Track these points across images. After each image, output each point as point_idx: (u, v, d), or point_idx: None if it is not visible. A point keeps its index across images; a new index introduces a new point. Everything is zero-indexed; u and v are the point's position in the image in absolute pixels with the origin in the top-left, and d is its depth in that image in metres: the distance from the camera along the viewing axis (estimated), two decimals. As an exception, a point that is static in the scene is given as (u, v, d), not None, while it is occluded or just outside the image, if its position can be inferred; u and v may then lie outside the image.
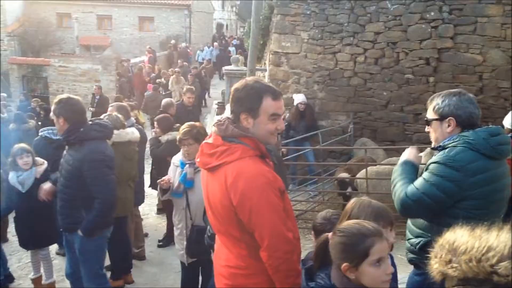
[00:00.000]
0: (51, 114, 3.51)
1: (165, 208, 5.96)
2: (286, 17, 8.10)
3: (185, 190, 3.61)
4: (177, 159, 3.79)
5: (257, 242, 2.12)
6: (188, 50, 21.48)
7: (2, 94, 14.19)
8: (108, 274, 4.46)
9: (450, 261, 1.11)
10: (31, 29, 23.97)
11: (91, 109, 11.67)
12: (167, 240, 5.76)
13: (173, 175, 3.76)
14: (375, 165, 6.29)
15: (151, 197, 7.16)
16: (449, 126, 2.47)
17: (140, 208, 5.91)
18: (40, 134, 5.14)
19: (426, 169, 2.48)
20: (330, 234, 1.93)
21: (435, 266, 1.16)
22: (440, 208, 2.40)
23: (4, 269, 5.14)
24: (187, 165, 3.59)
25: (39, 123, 9.59)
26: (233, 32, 36.60)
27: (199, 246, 3.46)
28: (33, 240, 4.53)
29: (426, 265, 1.21)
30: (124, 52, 22.30)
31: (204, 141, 2.31)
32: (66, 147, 3.58)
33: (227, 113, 2.92)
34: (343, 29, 7.85)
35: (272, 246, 2.06)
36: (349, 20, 7.80)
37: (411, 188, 2.45)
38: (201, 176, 2.43)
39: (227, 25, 37.21)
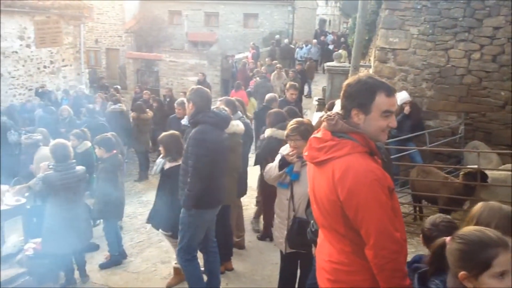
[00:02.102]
0: (185, 99, 4.03)
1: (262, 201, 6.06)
2: (394, 11, 7.79)
3: (291, 182, 3.67)
4: (285, 149, 3.84)
5: (361, 239, 2.10)
6: (292, 46, 21.59)
7: (117, 86, 15.49)
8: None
9: None
10: (145, 26, 25.75)
11: None
12: (264, 235, 5.87)
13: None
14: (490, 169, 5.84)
15: (251, 189, 7.35)
16: None
17: (241, 199, 6.09)
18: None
19: None
20: (448, 239, 1.85)
21: None
22: None
23: (119, 246, 5.64)
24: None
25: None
26: (336, 28, 36.09)
27: (299, 238, 3.51)
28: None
29: None
30: (229, 48, 23.06)
31: (312, 135, 2.33)
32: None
33: (337, 108, 2.91)
34: (457, 24, 7.37)
35: (378, 244, 2.03)
36: (465, 14, 7.29)
37: None
38: (307, 170, 2.45)
39: (330, 21, 36.80)
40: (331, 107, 6.26)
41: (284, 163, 3.71)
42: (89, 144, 6.91)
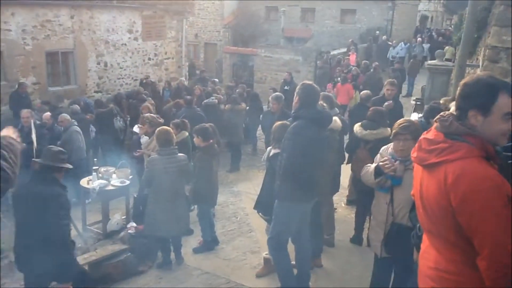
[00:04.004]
0: (279, 94, 4.06)
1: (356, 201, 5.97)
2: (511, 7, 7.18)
3: (391, 186, 3.53)
4: (386, 150, 3.71)
5: (473, 249, 1.98)
6: (389, 43, 20.86)
7: (215, 79, 16.05)
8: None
9: None
10: (243, 22, 26.37)
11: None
12: (355, 238, 5.75)
13: None
14: None
15: (341, 187, 7.26)
16: None
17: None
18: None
19: None
20: None
21: None
22: None
23: (211, 233, 5.86)
24: (397, 162, 3.48)
25: (247, 107, 10.57)
26: (438, 25, 34.25)
27: (397, 244, 3.40)
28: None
29: None
30: (324, 44, 22.85)
31: (422, 136, 2.24)
32: None
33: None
34: None
35: (492, 256, 1.90)
36: None
37: None
38: (415, 172, 2.36)
39: (432, 18, 34.95)
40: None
41: (380, 172, 3.58)
42: (186, 134, 7.23)
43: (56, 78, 13.25)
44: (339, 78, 14.25)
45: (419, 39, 20.53)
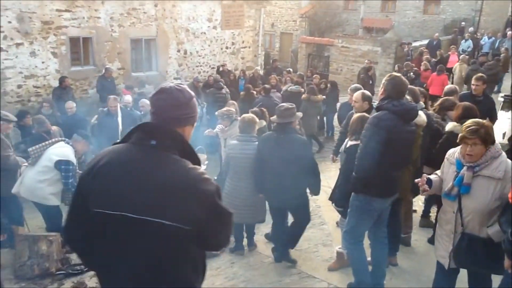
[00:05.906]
0: (358, 85, 3.99)
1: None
2: None
3: (459, 194, 3.23)
4: (453, 155, 3.39)
5: None
6: (477, 36, 19.61)
7: (290, 69, 16.01)
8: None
9: None
10: (320, 11, 26.00)
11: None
12: (433, 240, 5.45)
13: (446, 171, 3.41)
14: None
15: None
16: None
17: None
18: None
19: None
20: None
21: None
22: None
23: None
24: (465, 167, 3.18)
25: (324, 97, 10.45)
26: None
27: (468, 255, 3.18)
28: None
29: None
30: (405, 35, 21.97)
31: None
32: None
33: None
34: None
35: None
36: None
37: None
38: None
39: (526, 8, 32.34)
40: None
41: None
42: (264, 123, 7.25)
43: (139, 64, 13.88)
44: (412, 73, 13.59)
45: (509, 32, 18.96)
